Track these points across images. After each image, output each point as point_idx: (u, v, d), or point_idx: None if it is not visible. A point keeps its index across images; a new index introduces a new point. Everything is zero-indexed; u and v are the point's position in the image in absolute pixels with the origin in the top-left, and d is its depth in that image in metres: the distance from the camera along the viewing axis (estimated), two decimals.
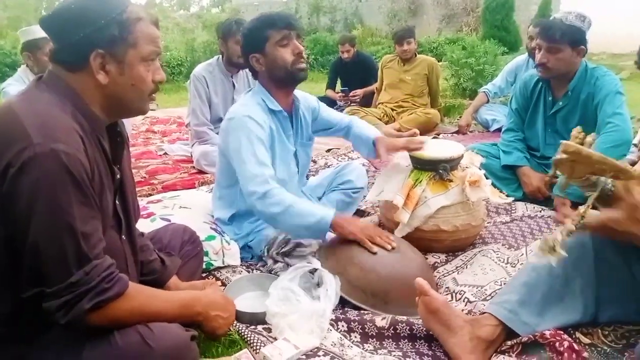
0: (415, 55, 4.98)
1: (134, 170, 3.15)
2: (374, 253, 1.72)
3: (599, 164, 1.15)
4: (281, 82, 1.99)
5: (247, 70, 3.41)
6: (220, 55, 3.49)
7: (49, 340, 1.09)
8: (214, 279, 1.92)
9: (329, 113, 2.31)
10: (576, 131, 1.25)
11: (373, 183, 2.33)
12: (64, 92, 1.12)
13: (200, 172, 3.32)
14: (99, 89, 1.15)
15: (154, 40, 1.19)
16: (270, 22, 1.92)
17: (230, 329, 1.48)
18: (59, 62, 1.14)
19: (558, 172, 1.24)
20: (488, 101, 4.63)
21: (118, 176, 1.24)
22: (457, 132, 4.58)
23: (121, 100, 1.19)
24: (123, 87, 1.17)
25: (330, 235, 1.84)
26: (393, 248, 1.76)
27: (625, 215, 1.15)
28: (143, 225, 1.82)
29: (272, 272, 1.89)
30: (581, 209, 1.18)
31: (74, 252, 1.03)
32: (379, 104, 5.10)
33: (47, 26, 1.14)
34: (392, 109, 4.91)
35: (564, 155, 1.16)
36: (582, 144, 1.20)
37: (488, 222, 2.41)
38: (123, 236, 1.29)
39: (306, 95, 2.22)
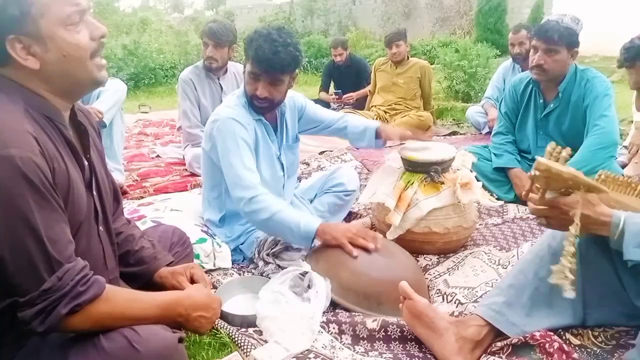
0: (408, 58, 5.00)
1: (126, 173, 3.19)
2: (354, 257, 1.70)
3: (571, 181, 1.21)
4: (248, 102, 2.00)
5: (235, 71, 3.42)
6: None
7: (33, 346, 1.07)
8: None
9: (315, 111, 2.29)
10: (550, 147, 1.27)
11: (365, 185, 2.33)
12: (10, 89, 1.06)
13: (193, 174, 3.31)
14: (35, 75, 1.06)
15: None
16: (257, 58, 1.85)
17: (215, 331, 1.47)
18: None
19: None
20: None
21: (86, 164, 1.19)
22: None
23: (63, 76, 1.09)
24: (57, 63, 1.06)
25: (317, 242, 1.83)
26: (376, 248, 1.74)
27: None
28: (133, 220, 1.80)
29: (263, 275, 1.89)
30: (573, 227, 1.22)
31: (42, 258, 0.99)
32: (372, 106, 5.11)
33: None
34: (385, 112, 4.93)
35: (537, 172, 1.20)
36: (558, 159, 1.23)
37: (479, 224, 2.42)
38: (100, 227, 1.25)
39: (293, 94, 2.20)
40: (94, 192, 1.22)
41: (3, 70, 1.07)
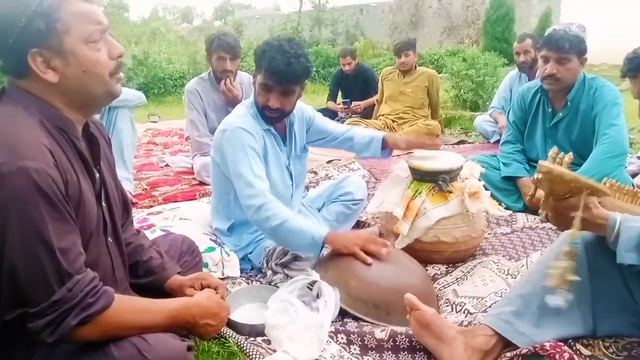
0: (415, 68, 5.01)
1: (135, 182, 3.22)
2: (369, 264, 1.71)
3: (573, 183, 1.21)
4: (259, 112, 2.02)
5: (240, 81, 3.45)
6: (211, 70, 3.50)
7: (45, 354, 1.08)
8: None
9: (324, 122, 2.31)
10: (553, 151, 1.28)
11: (373, 194, 2.33)
12: (27, 101, 1.08)
13: (202, 183, 3.32)
14: (54, 88, 1.09)
15: (90, 17, 1.09)
16: (270, 70, 1.86)
17: (223, 340, 1.48)
18: (7, 73, 1.10)
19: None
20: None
21: (97, 176, 1.21)
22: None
23: (81, 91, 1.12)
24: (76, 78, 1.10)
25: (326, 250, 1.83)
26: (387, 255, 1.75)
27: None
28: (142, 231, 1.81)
29: (272, 284, 1.89)
30: (571, 231, 1.24)
31: (53, 269, 1.00)
32: (379, 115, 5.12)
33: None
34: (393, 121, 4.94)
35: (540, 175, 1.21)
36: (561, 164, 1.23)
37: (488, 233, 2.41)
38: (109, 238, 1.26)
39: (302, 106, 2.21)
40: (103, 204, 1.24)
41: (21, 82, 1.09)
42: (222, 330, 1.51)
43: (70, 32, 1.07)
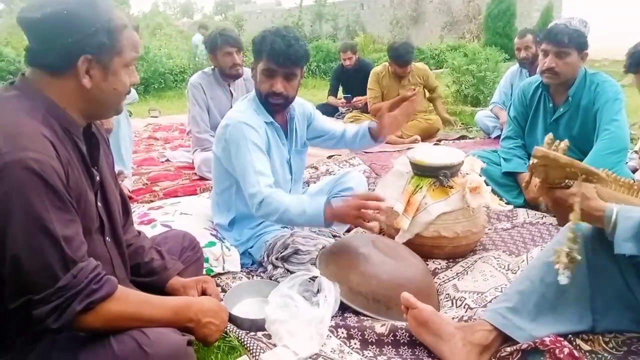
0: None
1: (135, 177, 3.22)
2: (376, 232, 1.79)
3: (568, 167, 1.21)
4: (262, 103, 2.03)
5: (244, 77, 3.44)
6: (217, 68, 3.49)
7: (44, 348, 1.09)
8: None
9: (323, 121, 2.33)
10: (548, 138, 1.29)
11: (374, 189, 2.33)
12: (36, 97, 1.11)
13: (202, 178, 3.32)
14: (80, 92, 1.15)
15: (136, 46, 1.21)
16: (273, 53, 1.88)
17: (224, 335, 1.48)
18: (39, 65, 1.13)
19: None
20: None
21: (97, 178, 1.24)
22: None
23: (102, 103, 1.20)
24: (105, 91, 1.18)
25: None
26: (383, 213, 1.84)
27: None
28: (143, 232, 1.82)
29: (272, 279, 1.90)
30: (572, 215, 1.24)
31: (58, 257, 1.02)
32: None
33: (31, 27, 1.10)
34: None
35: (535, 160, 1.20)
36: (556, 150, 1.24)
37: (489, 229, 2.41)
38: (107, 238, 1.28)
39: (303, 102, 2.22)
40: (99, 204, 1.25)
41: (46, 78, 1.12)
42: None
43: (121, 55, 1.17)
